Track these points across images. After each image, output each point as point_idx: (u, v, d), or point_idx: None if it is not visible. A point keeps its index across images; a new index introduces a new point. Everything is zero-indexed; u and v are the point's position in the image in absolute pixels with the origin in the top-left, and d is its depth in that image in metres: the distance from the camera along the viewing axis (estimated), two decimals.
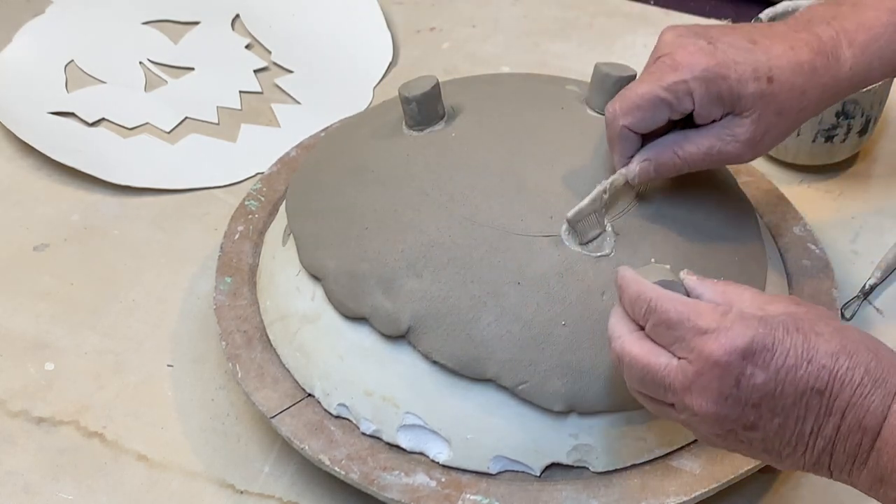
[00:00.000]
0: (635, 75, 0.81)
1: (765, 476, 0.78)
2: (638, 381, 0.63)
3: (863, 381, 0.58)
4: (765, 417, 0.59)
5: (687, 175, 0.79)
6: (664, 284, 0.63)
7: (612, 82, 0.81)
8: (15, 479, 0.78)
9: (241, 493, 0.78)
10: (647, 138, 0.74)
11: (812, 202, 0.97)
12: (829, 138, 0.97)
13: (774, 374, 0.58)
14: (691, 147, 0.73)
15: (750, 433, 0.60)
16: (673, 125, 0.73)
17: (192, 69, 1.11)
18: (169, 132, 1.04)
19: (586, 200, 0.73)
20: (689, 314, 0.60)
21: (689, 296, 0.64)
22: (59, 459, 0.80)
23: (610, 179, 0.74)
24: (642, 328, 0.63)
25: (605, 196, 0.74)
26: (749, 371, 0.58)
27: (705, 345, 0.59)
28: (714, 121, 0.72)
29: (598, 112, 0.83)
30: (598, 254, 0.73)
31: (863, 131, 0.97)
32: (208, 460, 0.80)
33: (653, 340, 0.62)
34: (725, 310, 0.60)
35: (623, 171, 0.74)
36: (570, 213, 0.73)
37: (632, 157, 0.74)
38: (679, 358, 0.60)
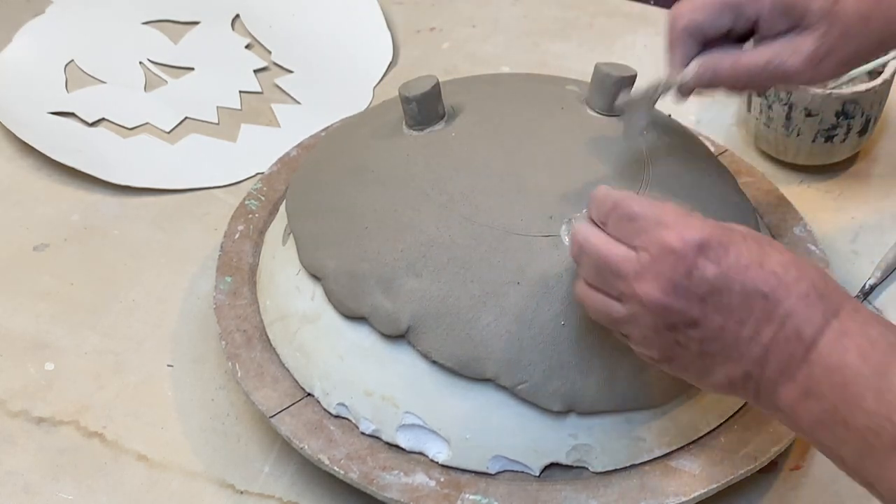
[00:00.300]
0: (636, 75, 0.81)
1: (765, 476, 0.78)
2: (593, 270, 0.64)
3: (808, 294, 0.60)
4: (708, 315, 0.60)
5: (686, 175, 0.79)
6: None
7: (612, 82, 0.81)
8: (15, 479, 0.78)
9: (241, 493, 0.78)
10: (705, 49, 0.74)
11: (812, 202, 0.97)
12: (829, 138, 0.97)
13: (726, 269, 0.60)
14: (752, 57, 0.72)
15: (690, 331, 0.61)
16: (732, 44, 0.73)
17: (192, 69, 1.11)
18: (169, 132, 1.04)
19: (638, 90, 0.74)
20: (653, 209, 0.62)
21: None
22: (59, 459, 0.80)
23: (665, 77, 0.74)
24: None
25: (658, 92, 0.75)
26: (702, 264, 0.60)
27: (664, 234, 0.61)
28: (778, 35, 0.72)
29: (598, 112, 0.83)
30: None
31: (863, 131, 0.97)
32: (208, 460, 0.80)
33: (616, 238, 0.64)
34: (689, 212, 0.62)
35: (681, 73, 0.74)
36: (620, 100, 0.73)
37: (689, 63, 0.74)
38: (637, 249, 0.62)
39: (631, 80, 0.81)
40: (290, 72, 1.11)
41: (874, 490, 0.59)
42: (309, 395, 0.77)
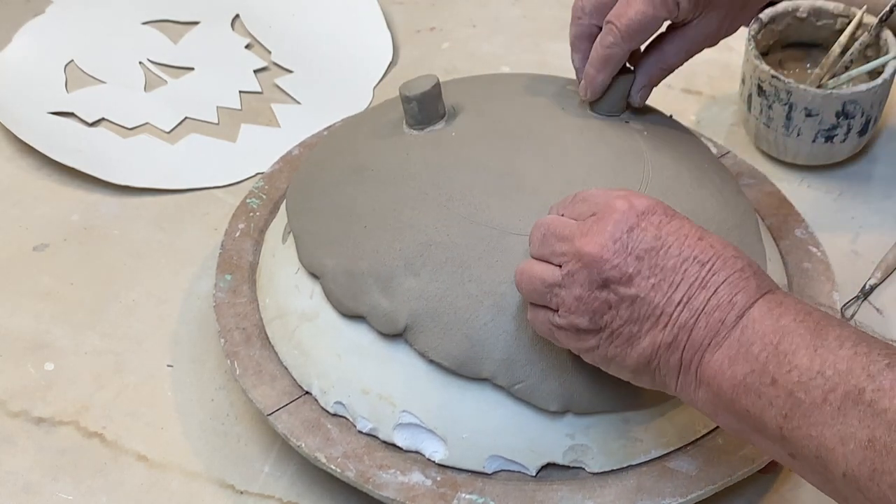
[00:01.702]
0: (636, 76, 0.82)
1: (765, 476, 0.78)
2: (539, 241, 0.67)
3: (744, 269, 0.62)
4: (643, 273, 0.62)
5: (686, 175, 0.79)
6: None
7: (615, 85, 0.81)
8: (15, 479, 0.78)
9: (241, 493, 0.78)
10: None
11: (812, 202, 0.97)
12: (829, 138, 0.96)
13: (665, 235, 0.62)
14: (674, 58, 0.81)
15: (623, 288, 0.62)
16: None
17: (192, 69, 1.11)
18: (169, 132, 1.04)
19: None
20: (609, 190, 0.67)
21: None
22: (59, 459, 0.80)
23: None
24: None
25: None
26: (644, 225, 0.63)
27: (614, 200, 0.64)
28: (689, 21, 0.79)
29: (598, 112, 0.83)
30: None
31: (863, 131, 0.97)
32: (208, 460, 0.80)
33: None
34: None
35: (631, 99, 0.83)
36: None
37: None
38: (587, 219, 0.65)
39: (631, 81, 0.82)
40: (290, 72, 1.11)
41: (795, 459, 0.59)
42: (307, 393, 0.77)
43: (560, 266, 0.65)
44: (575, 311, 0.65)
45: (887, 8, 0.97)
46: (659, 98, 1.04)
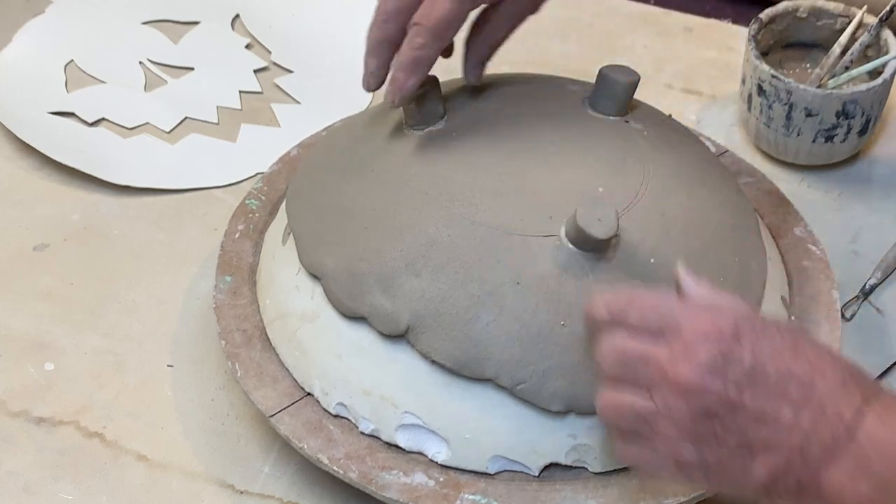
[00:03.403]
0: (639, 80, 0.81)
1: None
2: (618, 364, 0.63)
3: (844, 379, 0.59)
4: (745, 398, 0.59)
5: (686, 175, 0.79)
6: None
7: (621, 88, 0.82)
8: (15, 479, 0.79)
9: (241, 493, 0.78)
10: None
11: (812, 202, 0.97)
12: (829, 138, 0.96)
13: (760, 355, 0.59)
14: (499, 33, 0.82)
15: (729, 417, 0.59)
16: None
17: (192, 69, 1.11)
18: (169, 132, 1.04)
19: None
20: (672, 298, 0.63)
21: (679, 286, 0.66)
22: (59, 459, 0.80)
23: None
24: None
25: None
26: (737, 349, 0.59)
27: (697, 320, 0.60)
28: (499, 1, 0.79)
29: (600, 113, 0.83)
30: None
31: (863, 131, 0.97)
32: (208, 460, 0.80)
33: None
34: (711, 293, 0.64)
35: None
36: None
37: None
38: (668, 335, 0.61)
39: (635, 85, 0.82)
40: (290, 72, 1.11)
41: None
42: (308, 394, 0.77)
43: (648, 390, 0.61)
44: (678, 442, 0.61)
45: (887, 8, 0.97)
46: (659, 98, 1.04)
